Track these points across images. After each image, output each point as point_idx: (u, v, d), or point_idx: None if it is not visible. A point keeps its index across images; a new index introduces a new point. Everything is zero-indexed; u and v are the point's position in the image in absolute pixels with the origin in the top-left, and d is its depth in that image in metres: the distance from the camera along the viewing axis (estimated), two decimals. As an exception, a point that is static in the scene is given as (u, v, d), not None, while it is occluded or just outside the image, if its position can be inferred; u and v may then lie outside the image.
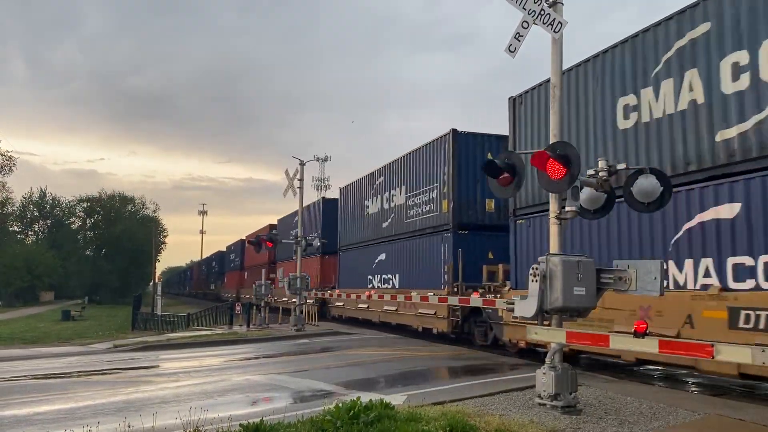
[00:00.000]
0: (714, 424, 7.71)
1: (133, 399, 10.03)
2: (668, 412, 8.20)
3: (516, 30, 8.70)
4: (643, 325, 7.08)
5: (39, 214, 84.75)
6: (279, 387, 11.11)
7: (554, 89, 9.01)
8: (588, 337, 8.03)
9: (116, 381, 12.58)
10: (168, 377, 12.89)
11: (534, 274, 8.29)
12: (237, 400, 9.88)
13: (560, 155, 8.16)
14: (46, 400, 10.23)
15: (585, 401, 8.74)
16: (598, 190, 8.79)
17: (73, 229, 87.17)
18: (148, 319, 33.76)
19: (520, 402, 8.83)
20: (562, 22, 8.61)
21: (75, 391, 11.02)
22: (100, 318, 43.51)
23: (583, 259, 8.29)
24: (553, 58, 8.99)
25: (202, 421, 6.63)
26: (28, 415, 8.83)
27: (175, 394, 10.48)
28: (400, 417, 7.05)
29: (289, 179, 25.77)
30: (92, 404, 9.63)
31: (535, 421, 7.55)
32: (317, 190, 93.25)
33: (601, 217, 9.25)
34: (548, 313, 8.35)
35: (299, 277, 24.60)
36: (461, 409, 7.94)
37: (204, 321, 33.91)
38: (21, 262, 65.70)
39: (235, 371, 13.36)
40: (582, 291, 8.11)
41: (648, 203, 8.56)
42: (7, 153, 68.87)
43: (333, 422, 6.80)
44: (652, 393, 9.77)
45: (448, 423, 6.80)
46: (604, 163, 8.64)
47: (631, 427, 7.44)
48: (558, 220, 8.79)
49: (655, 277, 7.73)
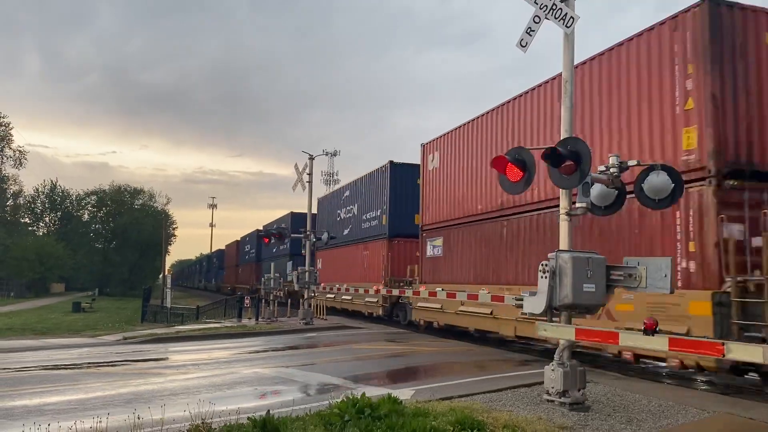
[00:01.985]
0: (723, 423, 7.66)
1: (143, 391, 10.10)
2: (677, 410, 8.15)
3: (527, 25, 8.64)
4: (652, 323, 7.04)
5: (50, 206, 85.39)
6: (287, 380, 11.14)
7: (566, 84, 8.93)
8: (597, 334, 7.99)
9: (126, 373, 12.66)
10: (177, 369, 12.96)
11: (543, 271, 8.24)
12: (245, 393, 9.92)
13: (571, 151, 8.11)
14: (56, 390, 10.31)
15: (593, 398, 8.71)
16: (609, 186, 8.73)
17: (84, 221, 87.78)
18: (157, 312, 33.98)
19: (528, 398, 8.81)
20: (573, 17, 8.53)
21: (85, 383, 11.10)
22: (110, 310, 43.85)
23: (594, 256, 8.24)
24: (565, 53, 8.92)
25: (210, 414, 6.65)
26: (38, 406, 8.90)
27: (183, 386, 10.54)
28: (407, 412, 7.05)
29: (298, 174, 25.79)
30: (102, 395, 9.70)
31: (543, 417, 7.53)
32: (326, 185, 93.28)
33: (612, 213, 9.19)
34: (557, 310, 8.31)
35: (308, 271, 24.65)
36: (469, 404, 7.93)
37: (213, 314, 34.08)
38: (32, 254, 66.27)
39: (243, 364, 13.42)
40: (592, 288, 8.06)
41: (659, 200, 8.51)
42: (19, 147, 69.77)
43: (341, 416, 6.82)
44: (661, 390, 9.72)
45: (456, 419, 6.79)
46: (616, 159, 8.58)
47: (640, 425, 7.41)
48: (568, 216, 8.73)
49: (665, 275, 7.68)
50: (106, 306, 48.77)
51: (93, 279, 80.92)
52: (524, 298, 8.69)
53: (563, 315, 8.39)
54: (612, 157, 8.63)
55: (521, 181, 8.83)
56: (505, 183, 9.02)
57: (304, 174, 25.63)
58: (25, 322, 30.47)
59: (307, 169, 25.62)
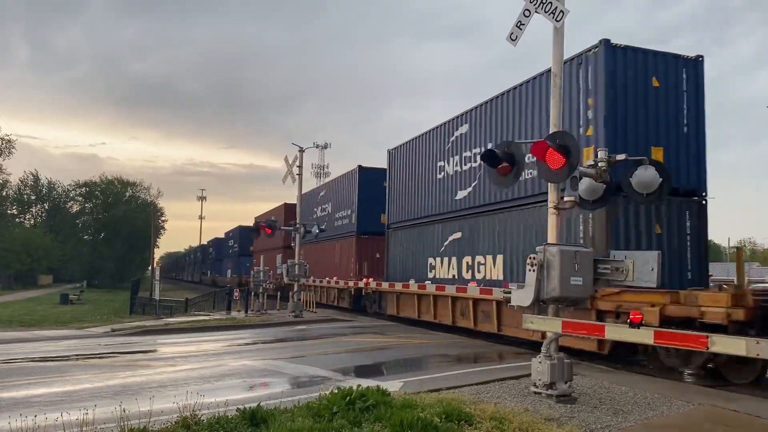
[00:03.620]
0: (707, 415, 7.75)
1: (130, 383, 10.08)
2: (662, 402, 8.24)
3: (518, 18, 8.66)
4: (638, 316, 7.10)
5: (36, 197, 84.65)
6: (276, 372, 11.16)
7: (555, 78, 8.96)
8: (584, 326, 8.06)
9: (113, 365, 12.63)
10: (165, 362, 12.93)
11: (531, 264, 8.29)
12: (234, 385, 9.93)
13: (560, 145, 8.14)
14: (43, 382, 10.26)
15: (580, 390, 8.79)
16: (597, 180, 8.78)
17: (72, 213, 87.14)
18: (146, 304, 33.80)
19: (516, 390, 8.88)
20: (564, 11, 8.55)
21: (72, 375, 11.06)
22: (99, 302, 43.61)
23: (581, 249, 8.30)
24: (555, 47, 8.94)
25: (198, 405, 6.65)
26: (25, 398, 8.87)
27: (172, 378, 10.52)
28: (395, 404, 7.08)
29: (288, 166, 25.70)
30: (89, 387, 9.68)
31: (530, 409, 7.59)
32: (317, 177, 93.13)
33: (600, 207, 9.26)
34: (544, 302, 8.37)
35: (297, 263, 24.63)
36: (457, 396, 7.98)
37: (202, 306, 34.00)
38: (19, 245, 65.74)
39: (232, 356, 13.41)
40: (579, 281, 8.13)
41: (647, 194, 8.56)
42: (7, 136, 68.94)
43: (329, 408, 6.84)
44: (647, 383, 9.82)
45: (443, 410, 6.83)
46: (604, 154, 8.63)
47: (626, 416, 7.48)
48: (556, 209, 8.78)
49: (652, 268, 7.76)
50: (94, 298, 48.49)
51: (81, 271, 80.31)
52: (512, 291, 8.75)
53: (550, 308, 8.45)
54: (601, 151, 8.68)
55: (510, 175, 8.90)
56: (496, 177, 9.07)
57: (294, 166, 25.55)
58: (12, 314, 30.25)
59: (297, 161, 25.54)
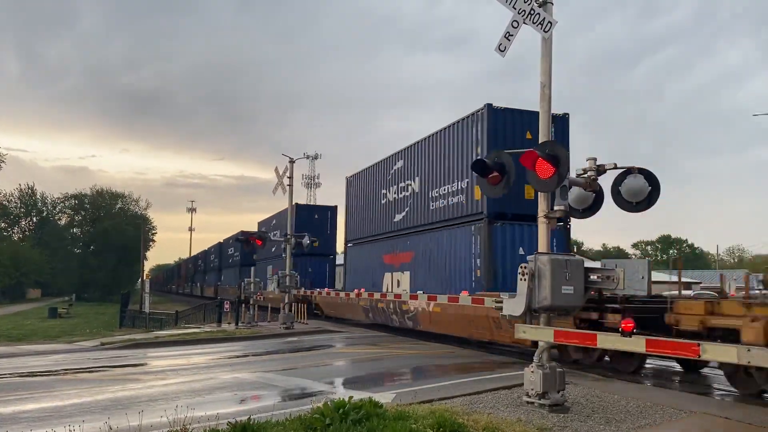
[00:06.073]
0: (700, 423, 7.77)
1: (120, 397, 9.97)
2: (654, 411, 8.25)
3: (506, 29, 8.70)
4: (630, 324, 7.12)
5: (25, 210, 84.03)
6: (267, 385, 11.07)
7: (544, 89, 9.01)
8: (576, 335, 8.07)
9: (103, 379, 12.49)
10: (155, 375, 12.81)
11: (522, 273, 8.30)
12: (225, 398, 9.84)
13: (549, 155, 8.18)
14: (31, 398, 10.13)
15: (573, 400, 8.78)
16: (586, 189, 8.82)
17: (61, 226, 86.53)
18: (136, 317, 33.62)
19: (509, 400, 8.86)
20: (552, 22, 8.62)
21: (61, 390, 10.92)
22: (88, 316, 43.26)
23: (572, 258, 8.32)
24: (543, 58, 9.00)
25: (189, 420, 6.58)
26: (13, 414, 8.75)
27: (162, 392, 10.42)
28: (388, 415, 7.04)
29: (278, 177, 25.67)
30: (78, 402, 9.56)
31: (523, 419, 7.57)
32: (307, 188, 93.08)
33: (590, 216, 9.29)
34: (536, 312, 8.37)
35: (288, 275, 24.54)
36: (449, 407, 7.94)
37: (192, 319, 33.79)
38: (7, 259, 65.15)
39: (223, 369, 13.31)
40: (570, 290, 8.14)
41: (636, 203, 8.61)
42: None
43: (322, 420, 6.78)
44: (639, 392, 9.83)
45: (436, 421, 6.79)
46: (593, 162, 8.68)
47: (618, 425, 7.48)
48: (547, 219, 8.80)
49: (642, 276, 7.78)
50: (83, 311, 48.09)
51: (70, 284, 79.67)
52: (504, 300, 8.76)
53: (542, 317, 8.45)
54: (589, 160, 8.73)
55: (500, 184, 8.94)
56: (484, 186, 9.10)
57: (284, 177, 25.53)
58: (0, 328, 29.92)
59: (287, 172, 25.52)
